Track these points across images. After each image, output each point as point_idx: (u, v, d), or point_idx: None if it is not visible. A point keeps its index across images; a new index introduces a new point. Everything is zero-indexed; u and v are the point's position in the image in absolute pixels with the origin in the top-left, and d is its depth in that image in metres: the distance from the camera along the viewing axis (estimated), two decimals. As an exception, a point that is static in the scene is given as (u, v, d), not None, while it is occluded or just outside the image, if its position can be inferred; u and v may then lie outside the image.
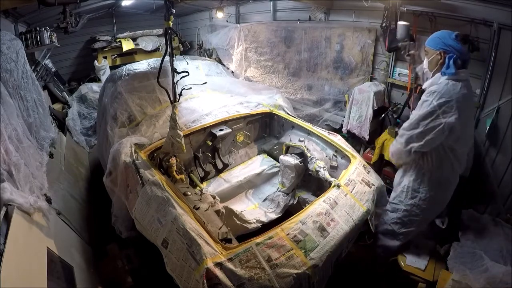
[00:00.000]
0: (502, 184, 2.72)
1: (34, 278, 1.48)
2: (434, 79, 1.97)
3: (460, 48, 1.89)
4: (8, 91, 2.38)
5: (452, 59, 1.87)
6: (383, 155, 3.35)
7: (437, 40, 1.95)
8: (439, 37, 1.94)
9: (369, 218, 2.16)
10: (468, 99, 1.94)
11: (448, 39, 1.90)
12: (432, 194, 2.13)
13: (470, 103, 2.05)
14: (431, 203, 2.17)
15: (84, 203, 3.03)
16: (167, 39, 2.08)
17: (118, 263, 2.34)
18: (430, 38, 2.00)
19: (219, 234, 1.81)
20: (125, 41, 6.53)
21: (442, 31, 1.98)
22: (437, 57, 1.95)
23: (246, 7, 5.64)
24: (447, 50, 1.90)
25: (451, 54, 1.88)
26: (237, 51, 5.46)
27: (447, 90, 1.85)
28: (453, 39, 1.90)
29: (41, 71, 4.82)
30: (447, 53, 1.90)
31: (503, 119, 2.67)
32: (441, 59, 1.93)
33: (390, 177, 3.11)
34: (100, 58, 6.35)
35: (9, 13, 3.68)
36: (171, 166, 2.28)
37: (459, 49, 1.89)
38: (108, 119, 2.90)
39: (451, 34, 1.91)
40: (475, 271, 2.00)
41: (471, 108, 2.15)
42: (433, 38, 1.98)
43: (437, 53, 1.94)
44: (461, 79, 1.88)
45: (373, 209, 2.22)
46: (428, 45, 2.00)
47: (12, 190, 1.64)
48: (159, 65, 2.18)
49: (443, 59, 1.92)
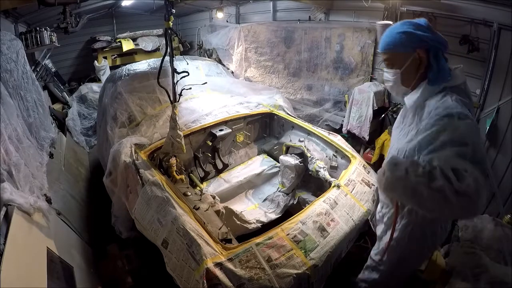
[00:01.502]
0: (502, 184, 2.72)
1: (34, 278, 1.48)
2: (425, 93, 1.30)
3: (440, 37, 1.30)
4: (8, 91, 2.38)
5: (439, 55, 1.29)
6: (383, 155, 3.35)
7: (407, 38, 1.28)
8: (408, 32, 1.28)
9: (370, 218, 2.16)
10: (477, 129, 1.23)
11: (423, 29, 1.28)
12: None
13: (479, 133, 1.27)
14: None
15: (84, 203, 3.03)
16: (167, 39, 2.08)
17: (118, 263, 2.34)
18: (392, 39, 1.31)
19: (219, 234, 1.81)
20: (125, 41, 6.53)
21: (400, 23, 1.33)
22: (415, 62, 1.29)
23: (246, 7, 5.64)
24: (429, 46, 1.27)
25: (434, 51, 1.28)
26: (237, 51, 5.47)
27: (464, 132, 1.09)
28: (427, 27, 1.29)
29: (41, 71, 4.82)
30: (430, 50, 1.28)
31: (503, 119, 2.66)
32: (421, 62, 1.29)
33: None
34: (100, 58, 6.35)
35: (9, 13, 3.68)
36: (171, 166, 2.28)
37: (440, 39, 1.29)
38: (108, 119, 2.90)
39: (420, 22, 1.30)
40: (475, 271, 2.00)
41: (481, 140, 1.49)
42: (398, 37, 1.29)
43: (414, 55, 1.29)
44: (462, 84, 1.29)
45: (373, 209, 2.22)
46: (395, 49, 1.32)
47: (12, 190, 1.64)
48: (159, 65, 2.18)
49: (424, 60, 1.29)
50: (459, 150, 1.04)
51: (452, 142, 1.07)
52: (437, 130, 1.13)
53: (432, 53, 1.27)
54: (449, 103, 1.17)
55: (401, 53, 1.30)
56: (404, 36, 1.28)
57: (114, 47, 6.49)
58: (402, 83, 1.37)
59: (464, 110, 1.13)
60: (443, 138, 1.09)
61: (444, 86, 1.26)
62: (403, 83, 1.37)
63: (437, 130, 1.13)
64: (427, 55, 1.28)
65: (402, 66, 1.32)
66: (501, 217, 2.44)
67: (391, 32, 1.31)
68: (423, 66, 1.29)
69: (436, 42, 1.26)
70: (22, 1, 2.85)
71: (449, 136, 1.08)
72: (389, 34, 1.32)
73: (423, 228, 1.45)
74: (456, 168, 0.99)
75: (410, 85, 1.36)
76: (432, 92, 1.28)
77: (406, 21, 1.31)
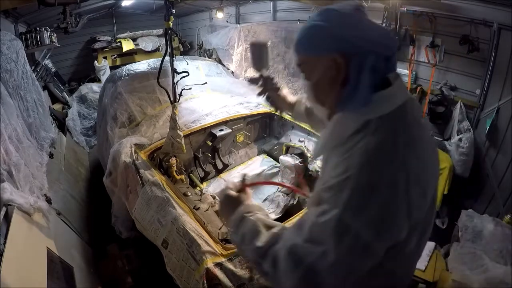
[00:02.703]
0: (502, 184, 2.72)
1: (34, 278, 1.48)
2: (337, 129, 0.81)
3: (378, 35, 0.78)
4: (8, 91, 2.38)
5: (366, 67, 0.74)
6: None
7: (319, 34, 0.79)
8: (320, 26, 0.79)
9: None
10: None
11: (346, 21, 0.78)
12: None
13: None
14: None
15: (84, 203, 3.03)
16: (167, 40, 2.08)
17: (118, 263, 2.34)
18: (302, 37, 0.84)
19: (219, 235, 1.81)
20: (125, 41, 6.53)
21: (318, 12, 0.83)
22: (329, 71, 0.78)
23: (246, 7, 5.64)
24: (352, 48, 0.76)
25: (362, 56, 0.75)
26: (237, 52, 5.46)
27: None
28: (354, 17, 0.79)
29: (41, 71, 4.82)
30: (353, 56, 0.75)
31: (503, 119, 2.66)
32: (338, 73, 0.78)
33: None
34: (100, 58, 6.35)
35: (9, 13, 3.68)
36: (171, 166, 2.28)
37: (377, 38, 0.77)
38: (108, 119, 2.90)
39: (345, 10, 0.79)
40: (475, 271, 2.00)
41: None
42: (309, 33, 0.82)
43: (327, 61, 0.78)
44: (401, 108, 0.75)
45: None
46: (305, 52, 0.85)
47: (12, 190, 1.64)
48: (159, 65, 2.18)
49: (343, 70, 0.77)
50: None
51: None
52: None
53: (356, 60, 0.75)
54: (356, 157, 0.70)
55: (312, 57, 0.83)
56: (315, 32, 0.80)
57: (114, 47, 6.48)
58: (317, 102, 0.88)
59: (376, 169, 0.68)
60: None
61: (366, 119, 0.74)
62: (318, 102, 0.88)
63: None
64: (347, 62, 0.76)
65: (311, 75, 0.84)
66: (501, 217, 2.44)
67: (305, 26, 0.84)
68: (341, 79, 0.78)
69: (366, 42, 0.75)
70: (22, 1, 2.86)
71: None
72: (302, 29, 0.84)
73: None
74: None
75: (325, 105, 0.86)
76: (347, 128, 0.77)
77: (325, 9, 0.81)
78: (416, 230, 0.75)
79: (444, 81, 3.10)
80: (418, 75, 3.39)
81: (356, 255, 0.68)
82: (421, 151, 0.73)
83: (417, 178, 0.70)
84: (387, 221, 0.67)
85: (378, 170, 0.68)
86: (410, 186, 0.68)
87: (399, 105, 0.75)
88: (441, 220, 3.04)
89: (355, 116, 0.76)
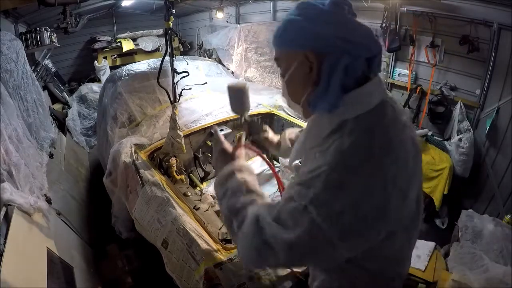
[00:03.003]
0: (502, 184, 2.72)
1: (34, 278, 1.48)
2: (313, 128, 0.82)
3: (355, 34, 0.73)
4: (8, 91, 2.38)
5: (339, 67, 0.71)
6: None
7: (294, 29, 0.76)
8: (296, 21, 0.75)
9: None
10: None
11: (322, 17, 0.73)
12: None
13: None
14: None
15: (84, 203, 3.03)
16: (167, 40, 2.08)
17: (118, 263, 2.34)
18: (279, 30, 0.79)
19: (219, 235, 1.81)
20: (125, 41, 6.53)
21: (296, 5, 0.77)
22: (303, 68, 0.76)
23: (246, 7, 5.64)
24: (327, 46, 0.72)
25: (336, 56, 0.71)
26: (237, 52, 5.46)
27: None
28: (332, 12, 0.73)
29: (41, 71, 4.82)
30: (327, 55, 0.72)
31: (503, 119, 2.66)
32: (311, 71, 0.75)
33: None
34: (100, 58, 6.35)
35: (9, 13, 3.68)
36: (171, 166, 2.28)
37: (354, 38, 0.72)
38: (108, 119, 2.90)
39: (324, 6, 0.73)
40: (475, 272, 2.00)
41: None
42: (284, 27, 0.78)
43: (301, 57, 0.75)
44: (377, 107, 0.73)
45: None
46: (281, 46, 0.81)
47: (12, 190, 1.64)
48: (159, 65, 2.18)
49: (316, 68, 0.74)
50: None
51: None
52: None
53: (330, 58, 0.71)
54: (330, 156, 0.68)
55: (285, 52, 0.80)
56: (291, 27, 0.76)
57: (114, 47, 6.48)
58: (291, 98, 0.85)
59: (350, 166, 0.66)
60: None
61: (342, 119, 0.73)
62: (292, 98, 0.85)
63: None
64: (320, 61, 0.73)
65: (285, 71, 0.80)
66: (501, 217, 2.44)
67: (283, 20, 0.79)
68: (313, 77, 0.75)
69: (342, 41, 0.70)
70: (22, 1, 2.86)
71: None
72: (281, 23, 0.80)
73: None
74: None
75: (299, 103, 0.83)
76: (323, 129, 0.76)
77: (303, 3, 0.77)
78: (398, 232, 0.75)
79: (444, 81, 3.10)
80: (418, 75, 3.40)
81: (315, 247, 0.68)
82: (400, 153, 0.71)
83: (394, 180, 0.68)
84: (354, 221, 0.66)
85: (351, 170, 0.66)
86: (386, 189, 0.67)
87: (376, 105, 0.73)
88: (441, 220, 3.05)
89: (331, 117, 0.74)
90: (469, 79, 2.95)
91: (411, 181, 0.73)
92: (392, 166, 0.68)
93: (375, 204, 0.67)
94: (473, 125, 2.89)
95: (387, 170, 0.67)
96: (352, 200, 0.65)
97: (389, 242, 0.74)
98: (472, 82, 2.92)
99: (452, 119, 3.01)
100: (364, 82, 0.74)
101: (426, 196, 3.02)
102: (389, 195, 0.67)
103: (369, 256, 0.76)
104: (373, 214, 0.67)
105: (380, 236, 0.71)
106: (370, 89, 0.74)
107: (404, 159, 0.71)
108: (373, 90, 0.74)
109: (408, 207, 0.74)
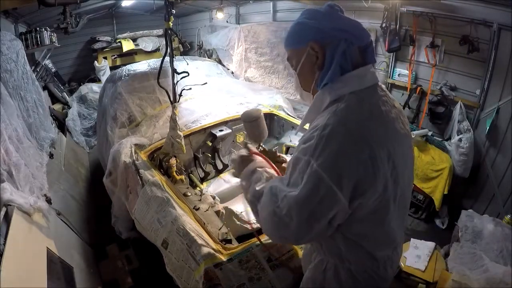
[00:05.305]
0: (502, 184, 2.73)
1: (34, 278, 1.48)
2: (316, 105, 0.97)
3: (346, 24, 0.94)
4: (8, 91, 2.38)
5: (338, 50, 0.90)
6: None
7: (299, 29, 0.97)
8: (300, 23, 0.98)
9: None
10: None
11: (318, 16, 0.94)
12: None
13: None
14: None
15: (84, 203, 3.03)
16: (167, 40, 2.08)
17: (118, 263, 2.35)
18: (288, 34, 1.02)
19: (219, 235, 1.81)
20: (125, 41, 6.53)
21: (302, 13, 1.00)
22: (310, 58, 0.95)
23: (246, 7, 5.64)
24: (326, 36, 0.92)
25: (335, 43, 0.90)
26: (237, 52, 5.47)
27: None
28: (325, 13, 0.95)
29: (41, 71, 4.82)
30: (328, 44, 0.91)
31: (503, 119, 2.67)
32: (318, 59, 0.94)
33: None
34: (100, 58, 6.35)
35: (9, 13, 3.68)
36: (171, 166, 2.28)
37: (346, 27, 0.92)
38: (108, 119, 2.90)
39: (320, 9, 0.97)
40: (475, 272, 2.00)
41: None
42: (292, 30, 1.00)
43: (307, 50, 0.95)
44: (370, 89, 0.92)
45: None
46: (290, 45, 1.02)
47: (12, 190, 1.64)
48: (159, 65, 2.17)
49: (321, 56, 0.93)
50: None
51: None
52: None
53: (331, 46, 0.91)
54: (326, 116, 0.86)
55: (296, 49, 0.99)
56: (297, 28, 0.98)
57: (114, 48, 6.48)
58: (304, 88, 1.04)
59: (342, 120, 0.83)
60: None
61: (341, 93, 0.89)
62: (304, 88, 1.04)
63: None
64: (323, 49, 0.92)
65: (297, 65, 1.00)
66: (501, 217, 2.44)
67: (291, 25, 1.01)
68: (319, 64, 0.94)
69: (338, 31, 0.91)
70: (22, 1, 2.86)
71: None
72: (290, 27, 1.01)
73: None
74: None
75: (309, 91, 1.02)
76: (324, 101, 0.93)
77: (305, 10, 1.01)
78: (391, 205, 0.89)
79: (444, 81, 3.10)
80: (418, 75, 3.40)
81: (317, 195, 0.81)
82: (387, 123, 0.89)
83: (380, 140, 0.84)
84: (344, 166, 0.80)
85: (341, 123, 0.82)
86: (373, 144, 0.81)
87: (368, 86, 0.92)
88: (441, 220, 3.05)
89: (331, 91, 0.92)
90: (469, 79, 2.95)
91: (396, 149, 0.87)
92: (378, 128, 0.86)
93: (363, 158, 0.80)
94: (473, 125, 2.89)
95: (374, 130, 0.84)
96: (342, 148, 0.80)
97: (382, 216, 0.90)
98: (472, 82, 2.92)
99: (452, 119, 3.01)
100: (358, 66, 0.92)
101: (426, 196, 3.02)
102: (375, 150, 0.81)
103: (363, 235, 0.92)
104: (364, 164, 0.80)
105: (376, 192, 0.83)
106: (364, 72, 0.92)
107: (389, 127, 0.89)
108: (366, 73, 0.93)
109: (395, 174, 0.88)
